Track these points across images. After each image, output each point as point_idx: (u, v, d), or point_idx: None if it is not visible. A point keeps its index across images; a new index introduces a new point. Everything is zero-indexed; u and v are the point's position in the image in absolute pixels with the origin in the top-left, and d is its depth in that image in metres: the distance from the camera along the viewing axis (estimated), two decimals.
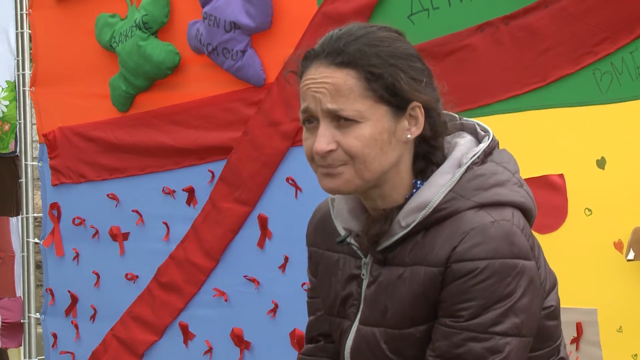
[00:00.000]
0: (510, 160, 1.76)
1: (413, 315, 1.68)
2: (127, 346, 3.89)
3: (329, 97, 1.66)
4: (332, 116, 1.67)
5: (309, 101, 1.69)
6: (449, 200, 1.68)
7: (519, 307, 1.63)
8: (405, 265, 1.69)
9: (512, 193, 1.70)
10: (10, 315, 4.56)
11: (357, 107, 1.66)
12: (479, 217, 1.65)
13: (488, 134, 1.76)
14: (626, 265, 2.56)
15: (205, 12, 3.38)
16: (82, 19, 3.97)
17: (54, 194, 4.20)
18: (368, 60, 1.67)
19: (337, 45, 1.69)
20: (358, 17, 2.98)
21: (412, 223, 1.68)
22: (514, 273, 1.63)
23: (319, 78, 1.68)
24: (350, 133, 1.66)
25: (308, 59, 1.72)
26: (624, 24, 2.55)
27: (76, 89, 4.06)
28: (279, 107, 3.28)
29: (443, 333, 1.65)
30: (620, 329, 2.59)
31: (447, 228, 1.67)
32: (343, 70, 1.67)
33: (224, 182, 3.48)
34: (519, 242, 1.65)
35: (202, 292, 3.61)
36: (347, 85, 1.67)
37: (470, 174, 1.70)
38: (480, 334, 1.62)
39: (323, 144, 1.66)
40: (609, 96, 2.59)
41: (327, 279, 1.84)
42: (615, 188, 2.58)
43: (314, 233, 1.92)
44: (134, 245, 3.87)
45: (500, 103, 2.76)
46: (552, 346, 1.77)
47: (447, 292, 1.65)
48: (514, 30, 2.72)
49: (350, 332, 1.77)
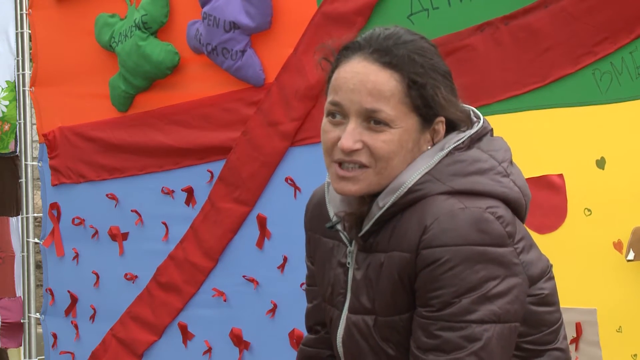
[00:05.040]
0: (501, 149, 1.74)
1: (395, 303, 1.67)
2: (127, 346, 3.89)
3: (369, 97, 1.64)
4: (365, 116, 1.64)
5: (343, 96, 1.65)
6: (423, 182, 1.66)
7: (494, 293, 1.61)
8: (385, 251, 1.68)
9: (492, 183, 1.68)
10: (10, 315, 4.56)
11: (394, 111, 1.64)
12: (448, 203, 1.64)
13: (479, 120, 1.75)
14: (626, 265, 2.56)
15: (205, 12, 3.38)
16: (81, 19, 3.97)
17: (53, 194, 4.20)
18: (414, 68, 1.65)
19: (385, 44, 1.66)
20: (358, 17, 2.99)
21: (388, 203, 1.67)
22: (484, 260, 1.61)
23: (361, 73, 1.64)
24: (379, 136, 1.64)
25: (349, 49, 1.68)
26: (623, 24, 2.55)
27: (76, 89, 4.06)
28: (278, 107, 3.28)
29: (419, 324, 1.64)
30: (620, 329, 2.59)
31: (417, 212, 1.65)
32: (387, 71, 1.65)
33: (223, 182, 3.48)
34: (490, 229, 1.62)
35: (201, 292, 3.61)
36: (388, 87, 1.64)
37: (450, 159, 1.68)
38: (455, 324, 1.60)
39: (350, 141, 1.64)
40: (608, 96, 2.59)
41: (323, 266, 1.84)
42: (614, 188, 2.58)
43: (311, 217, 1.91)
44: (134, 245, 3.87)
45: (500, 103, 2.76)
46: (544, 332, 1.74)
47: (420, 280, 1.63)
48: (513, 30, 2.72)
49: (340, 322, 1.76)
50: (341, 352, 1.77)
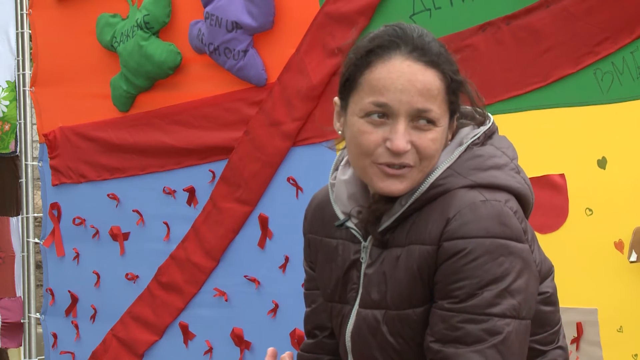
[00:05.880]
0: (510, 147, 1.76)
1: (410, 296, 1.67)
2: (127, 346, 3.90)
3: (420, 97, 1.63)
4: (413, 115, 1.64)
5: (391, 96, 1.63)
6: (446, 177, 1.67)
7: (515, 288, 1.61)
8: (402, 245, 1.69)
9: (509, 178, 1.69)
10: (10, 315, 4.57)
11: (440, 110, 1.65)
12: (470, 196, 1.64)
13: (488, 118, 1.76)
14: (627, 265, 2.57)
15: (207, 12, 3.38)
16: (82, 19, 3.97)
17: (54, 194, 4.20)
18: (451, 66, 1.66)
19: (421, 43, 1.65)
20: (360, 17, 2.99)
21: (410, 199, 1.67)
22: (507, 253, 1.61)
23: (407, 73, 1.63)
24: (427, 135, 1.64)
25: (385, 48, 1.65)
26: (624, 24, 2.55)
27: (77, 89, 4.06)
28: (280, 107, 3.28)
29: (440, 316, 1.63)
30: (621, 329, 2.59)
31: (439, 205, 1.66)
32: (431, 70, 1.64)
33: (224, 182, 3.49)
34: (511, 224, 1.63)
35: (202, 292, 3.61)
36: (435, 86, 1.64)
37: (470, 154, 1.69)
38: (477, 316, 1.60)
39: (403, 142, 1.63)
40: (609, 96, 2.59)
41: (327, 266, 1.83)
42: (616, 188, 2.59)
43: (311, 220, 1.90)
44: (135, 245, 3.87)
45: (502, 103, 2.77)
46: (549, 331, 1.76)
47: (441, 272, 1.63)
48: (515, 30, 2.72)
49: (351, 317, 1.76)
50: (349, 347, 1.77)
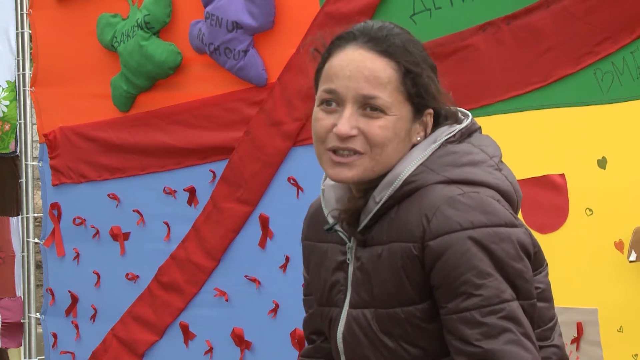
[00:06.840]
0: (491, 145, 1.75)
1: (397, 294, 1.66)
2: (128, 346, 3.89)
3: (366, 83, 1.65)
4: (361, 102, 1.66)
5: (340, 83, 1.66)
6: (418, 173, 1.67)
7: (516, 272, 1.61)
8: (383, 243, 1.69)
9: (485, 174, 1.69)
10: (10, 315, 4.56)
11: (390, 99, 1.66)
12: (447, 191, 1.64)
13: (467, 117, 1.76)
14: (627, 265, 2.57)
15: (208, 12, 3.38)
16: (82, 19, 3.97)
17: (54, 194, 4.20)
18: (409, 57, 1.67)
19: (379, 34, 1.68)
20: (361, 17, 2.99)
21: (384, 196, 1.67)
22: (497, 240, 1.61)
23: (357, 60, 1.66)
24: (375, 122, 1.65)
25: (343, 39, 1.69)
26: (625, 24, 2.55)
27: (77, 89, 4.06)
28: (280, 107, 3.28)
29: (460, 319, 1.61)
30: (621, 329, 2.59)
31: (416, 201, 1.66)
32: (384, 59, 1.66)
33: (225, 182, 3.49)
34: (495, 211, 1.63)
35: (202, 292, 3.61)
36: (386, 74, 1.66)
37: (444, 150, 1.70)
38: (495, 306, 1.59)
39: (347, 127, 1.65)
40: (610, 96, 2.59)
41: (317, 270, 1.84)
42: (616, 188, 2.59)
43: (307, 227, 1.92)
44: (135, 245, 3.87)
45: (502, 103, 2.77)
46: (543, 327, 1.76)
47: (438, 273, 1.62)
48: (515, 30, 2.72)
49: (341, 318, 1.76)
50: (341, 349, 1.77)
